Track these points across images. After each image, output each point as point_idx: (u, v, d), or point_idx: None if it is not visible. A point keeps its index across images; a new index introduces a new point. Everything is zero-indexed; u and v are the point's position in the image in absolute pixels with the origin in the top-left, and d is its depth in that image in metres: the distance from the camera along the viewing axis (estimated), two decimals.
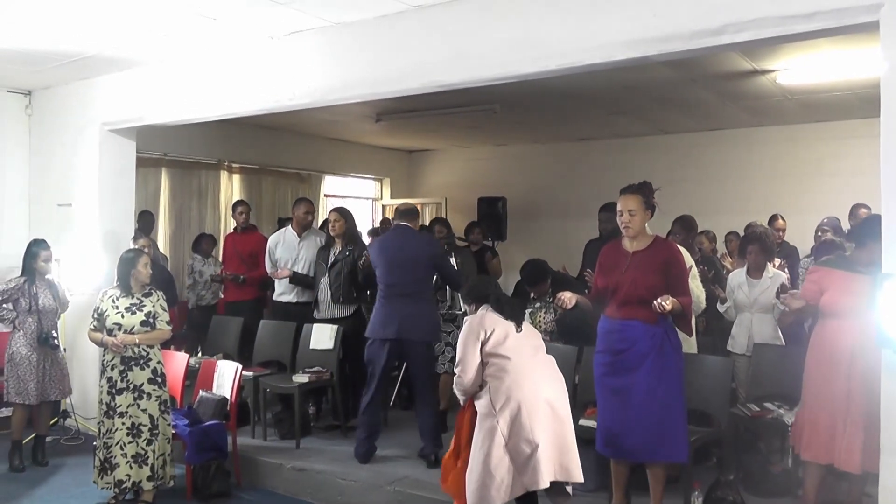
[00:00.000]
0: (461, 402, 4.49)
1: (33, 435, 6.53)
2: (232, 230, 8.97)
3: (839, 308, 4.55)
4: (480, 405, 4.27)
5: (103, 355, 5.54)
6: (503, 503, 4.18)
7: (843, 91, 8.38)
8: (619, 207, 4.61)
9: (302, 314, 7.16)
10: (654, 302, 4.36)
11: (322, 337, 6.77)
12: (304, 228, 7.40)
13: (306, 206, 7.50)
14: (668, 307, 4.35)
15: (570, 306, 4.72)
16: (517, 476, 4.14)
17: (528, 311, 6.03)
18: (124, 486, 5.38)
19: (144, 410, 5.40)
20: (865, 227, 4.72)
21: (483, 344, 4.29)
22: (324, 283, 6.91)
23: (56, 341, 6.48)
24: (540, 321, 5.94)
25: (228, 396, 6.01)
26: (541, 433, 4.14)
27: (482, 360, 4.30)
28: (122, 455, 5.37)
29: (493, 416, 4.18)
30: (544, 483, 4.13)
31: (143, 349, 5.45)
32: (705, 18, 4.24)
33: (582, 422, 5.04)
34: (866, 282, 4.32)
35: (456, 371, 4.38)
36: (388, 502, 5.41)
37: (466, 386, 4.32)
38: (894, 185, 3.71)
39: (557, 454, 4.20)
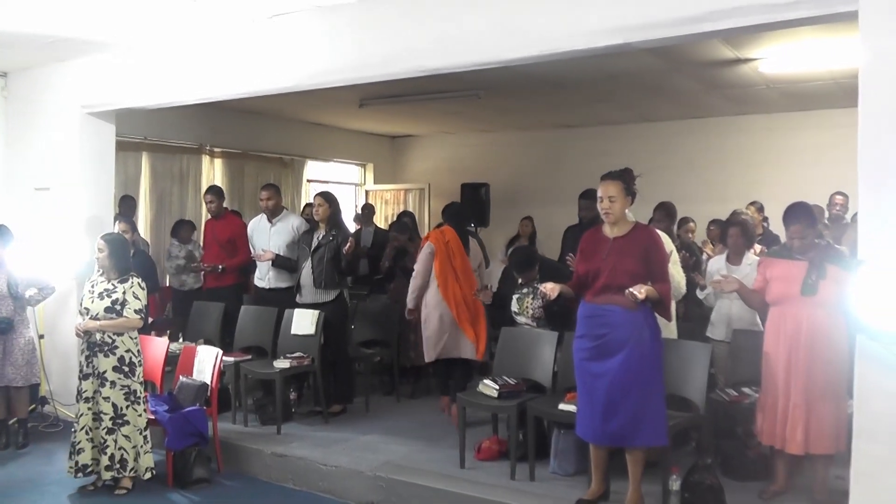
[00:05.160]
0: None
1: (15, 420, 6.51)
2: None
3: (777, 295, 4.85)
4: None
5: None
6: None
7: (824, 80, 8.43)
8: (599, 193, 4.61)
9: (276, 300, 7.14)
10: (627, 290, 4.38)
11: (303, 322, 6.76)
12: (273, 214, 7.34)
13: (266, 191, 7.38)
14: (642, 296, 4.36)
15: (553, 297, 4.74)
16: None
17: (515, 297, 6.06)
18: (89, 470, 5.36)
19: (107, 399, 5.33)
20: (785, 214, 4.95)
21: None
22: (306, 267, 6.89)
23: (4, 325, 6.34)
24: (527, 307, 5.95)
25: (209, 382, 5.99)
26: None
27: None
28: (87, 440, 5.36)
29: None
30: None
31: (109, 336, 5.36)
32: (688, 5, 4.26)
33: (562, 406, 5.06)
34: (802, 267, 4.72)
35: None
36: (370, 488, 5.42)
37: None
38: (871, 174, 3.75)
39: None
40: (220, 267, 7.86)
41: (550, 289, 4.72)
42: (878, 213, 3.73)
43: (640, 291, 4.34)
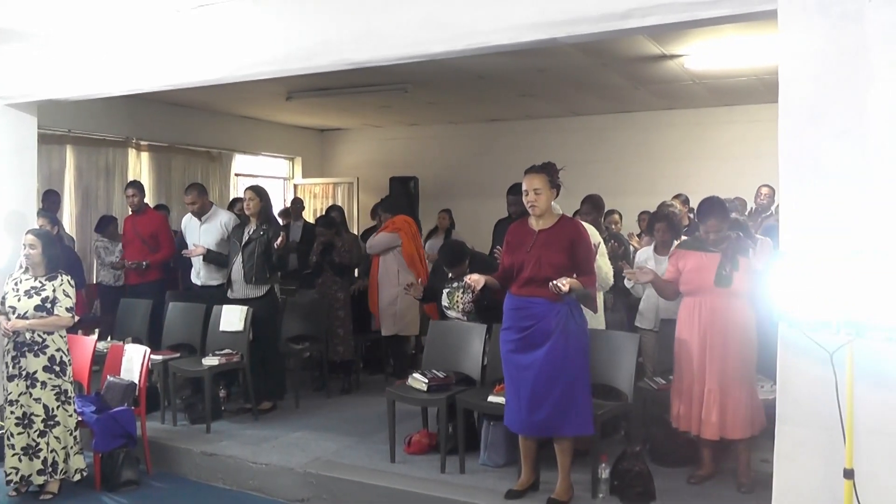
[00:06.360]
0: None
1: None
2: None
3: (691, 286, 5.00)
4: None
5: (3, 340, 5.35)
6: None
7: (748, 76, 8.63)
8: (524, 187, 4.62)
9: (208, 297, 7.04)
10: (551, 283, 4.40)
11: (232, 318, 6.67)
12: (200, 214, 7.25)
13: (189, 195, 7.26)
14: (566, 288, 4.37)
15: (478, 288, 4.76)
16: None
17: (445, 292, 6.06)
18: (9, 478, 5.17)
19: (38, 400, 5.17)
20: (699, 209, 5.13)
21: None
22: (237, 262, 6.80)
23: None
24: (458, 301, 5.97)
25: (137, 381, 5.87)
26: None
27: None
28: (9, 446, 5.17)
29: None
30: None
31: (39, 335, 5.20)
32: (612, 2, 4.30)
33: (491, 398, 5.10)
34: (715, 259, 4.89)
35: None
36: (300, 485, 5.38)
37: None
38: (791, 167, 3.85)
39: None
40: (145, 263, 7.71)
41: (475, 280, 4.73)
42: (797, 204, 3.83)
43: (563, 284, 4.36)
